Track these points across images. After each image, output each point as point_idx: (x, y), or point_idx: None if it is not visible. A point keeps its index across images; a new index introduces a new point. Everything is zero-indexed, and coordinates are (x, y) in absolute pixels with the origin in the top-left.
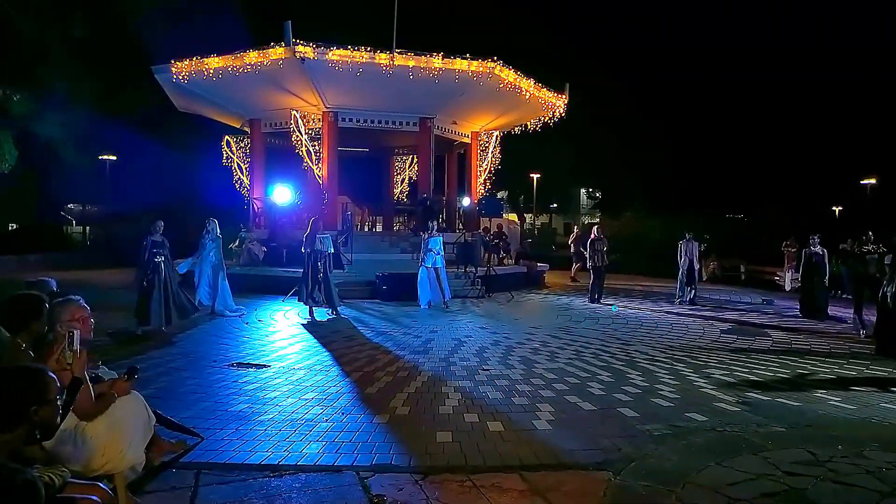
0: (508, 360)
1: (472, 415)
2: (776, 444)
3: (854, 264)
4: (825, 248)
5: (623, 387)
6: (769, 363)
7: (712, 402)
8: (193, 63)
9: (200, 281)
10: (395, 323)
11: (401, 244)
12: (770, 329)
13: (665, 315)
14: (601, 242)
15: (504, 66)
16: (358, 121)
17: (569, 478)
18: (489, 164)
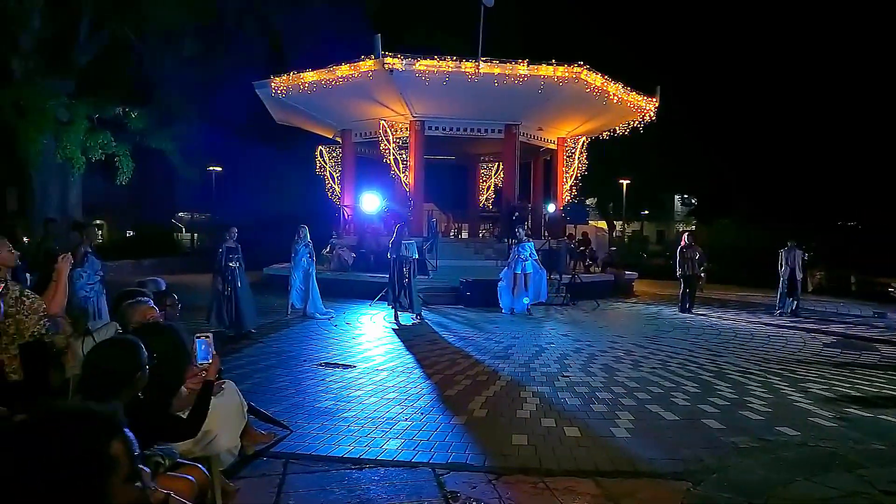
0: (590, 367)
1: (549, 419)
2: (874, 461)
3: None
4: None
5: (710, 398)
6: (874, 379)
7: (807, 416)
8: (290, 78)
9: (293, 284)
10: (477, 328)
11: (485, 251)
12: (879, 343)
13: (763, 327)
14: (692, 250)
15: (590, 71)
16: (444, 129)
17: (644, 486)
18: (575, 171)
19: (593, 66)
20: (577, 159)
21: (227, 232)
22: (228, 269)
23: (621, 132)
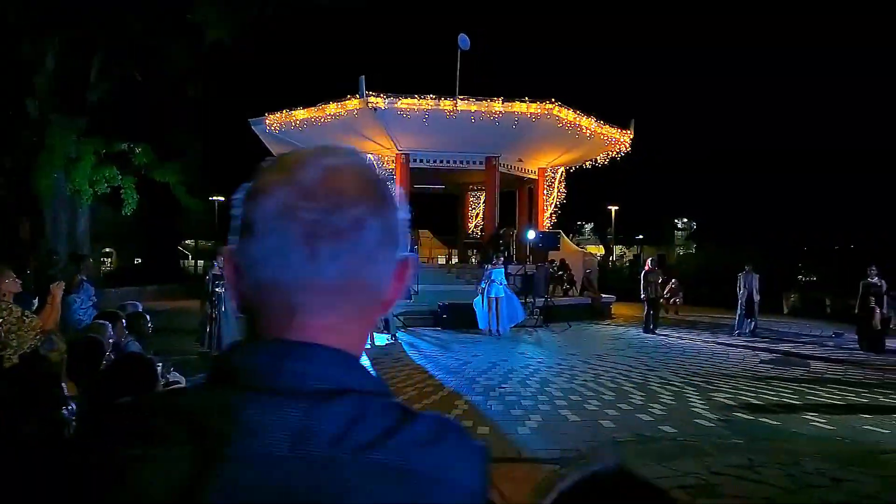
0: (528, 380)
1: (468, 421)
2: (723, 452)
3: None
4: (883, 280)
5: (619, 404)
6: (783, 390)
7: (693, 418)
8: (283, 115)
9: None
10: (444, 348)
11: (465, 276)
12: (815, 360)
13: (714, 345)
14: (654, 274)
15: (562, 107)
16: (428, 161)
17: (521, 468)
18: (555, 199)
19: (580, 101)
20: (557, 188)
21: (215, 259)
22: (215, 294)
23: (602, 162)
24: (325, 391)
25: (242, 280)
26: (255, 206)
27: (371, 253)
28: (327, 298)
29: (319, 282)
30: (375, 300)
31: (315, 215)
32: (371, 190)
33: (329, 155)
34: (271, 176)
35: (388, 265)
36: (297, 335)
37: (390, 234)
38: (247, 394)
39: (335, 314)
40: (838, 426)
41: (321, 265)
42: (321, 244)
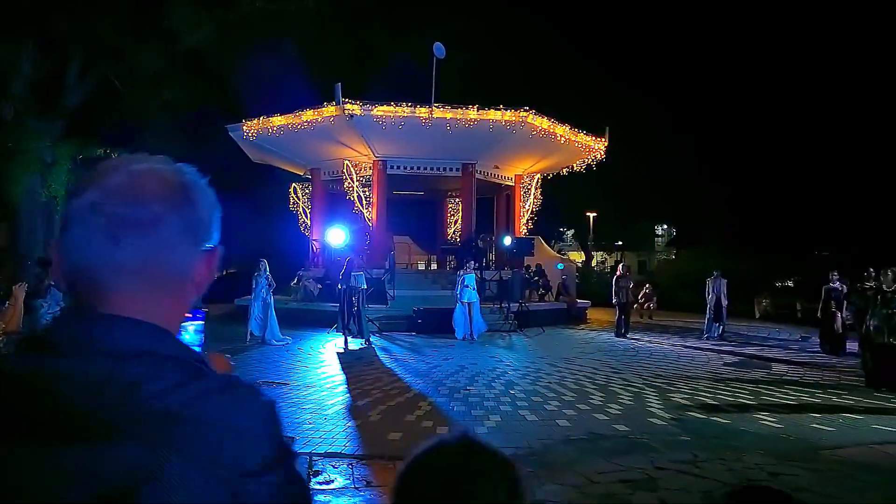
0: (494, 383)
1: (429, 421)
2: (670, 448)
3: (857, 300)
4: (844, 285)
5: (578, 405)
6: (741, 391)
7: (647, 418)
8: (260, 122)
9: (252, 313)
10: (416, 352)
11: (441, 281)
12: (777, 363)
13: (682, 349)
14: (625, 280)
15: (536, 115)
16: (405, 168)
17: None
18: (531, 206)
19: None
20: (533, 195)
21: None
22: None
23: (579, 169)
24: (126, 352)
25: (63, 264)
26: (70, 205)
27: (168, 242)
28: (129, 278)
29: (121, 264)
30: (180, 281)
31: (117, 210)
32: (171, 191)
33: (136, 163)
34: (86, 180)
35: (188, 253)
36: (104, 308)
37: (191, 229)
38: (58, 356)
39: (138, 291)
40: (787, 425)
41: (122, 251)
42: (122, 234)
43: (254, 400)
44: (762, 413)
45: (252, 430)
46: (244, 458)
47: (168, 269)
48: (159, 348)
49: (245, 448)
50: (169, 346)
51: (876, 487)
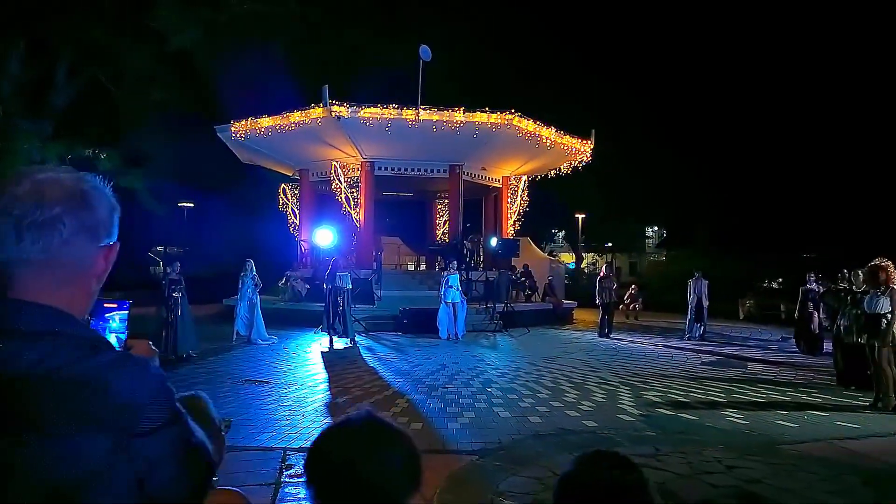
0: (472, 381)
1: (404, 418)
2: (634, 443)
3: (830, 301)
4: (821, 286)
5: (552, 402)
6: (713, 389)
7: (617, 414)
8: (249, 123)
9: (238, 313)
10: (400, 351)
11: (428, 282)
12: (753, 362)
13: (663, 348)
14: (608, 280)
15: (522, 117)
16: (393, 169)
17: (441, 459)
18: (518, 207)
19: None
20: (520, 197)
21: (171, 265)
22: (171, 299)
23: (566, 171)
24: (32, 332)
25: None
26: None
27: (68, 240)
28: (35, 270)
29: (26, 259)
30: (80, 272)
31: (22, 212)
32: (70, 196)
33: (42, 172)
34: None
35: (86, 249)
36: (16, 295)
37: (89, 228)
38: None
39: (42, 280)
40: (752, 421)
41: (26, 247)
42: (26, 233)
43: (143, 372)
44: (730, 410)
45: (141, 398)
46: (134, 421)
47: (68, 262)
48: (62, 328)
49: (135, 413)
50: (71, 326)
51: (827, 479)
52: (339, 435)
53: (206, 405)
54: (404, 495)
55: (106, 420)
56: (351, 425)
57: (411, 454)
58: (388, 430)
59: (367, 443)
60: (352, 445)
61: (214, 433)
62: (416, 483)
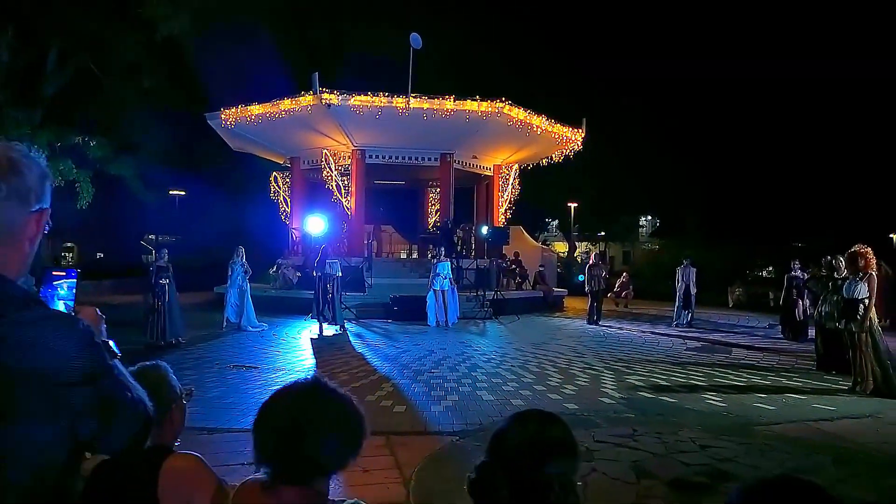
0: (459, 366)
1: (388, 400)
2: (613, 424)
3: (814, 286)
4: (806, 273)
5: (535, 386)
6: (695, 374)
7: (598, 397)
8: (238, 111)
9: (228, 300)
10: (389, 338)
11: (419, 269)
12: (738, 348)
13: (650, 335)
14: (598, 268)
15: (513, 105)
16: (384, 157)
17: (422, 440)
18: (509, 196)
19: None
20: (512, 185)
21: (158, 253)
22: (159, 286)
23: (557, 160)
24: None
25: None
26: None
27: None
28: None
29: None
30: (12, 235)
31: None
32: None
33: None
34: None
35: (18, 213)
36: None
37: (19, 194)
38: None
39: None
40: (731, 404)
41: None
42: None
43: (70, 328)
44: (709, 393)
45: (68, 351)
46: (61, 372)
47: (3, 227)
48: (5, 291)
49: (62, 364)
50: (13, 289)
51: (796, 458)
52: (286, 396)
53: (164, 374)
54: (341, 457)
55: (36, 371)
56: (298, 387)
57: (352, 419)
58: (331, 395)
59: (309, 404)
60: (296, 405)
61: (170, 399)
62: (354, 447)
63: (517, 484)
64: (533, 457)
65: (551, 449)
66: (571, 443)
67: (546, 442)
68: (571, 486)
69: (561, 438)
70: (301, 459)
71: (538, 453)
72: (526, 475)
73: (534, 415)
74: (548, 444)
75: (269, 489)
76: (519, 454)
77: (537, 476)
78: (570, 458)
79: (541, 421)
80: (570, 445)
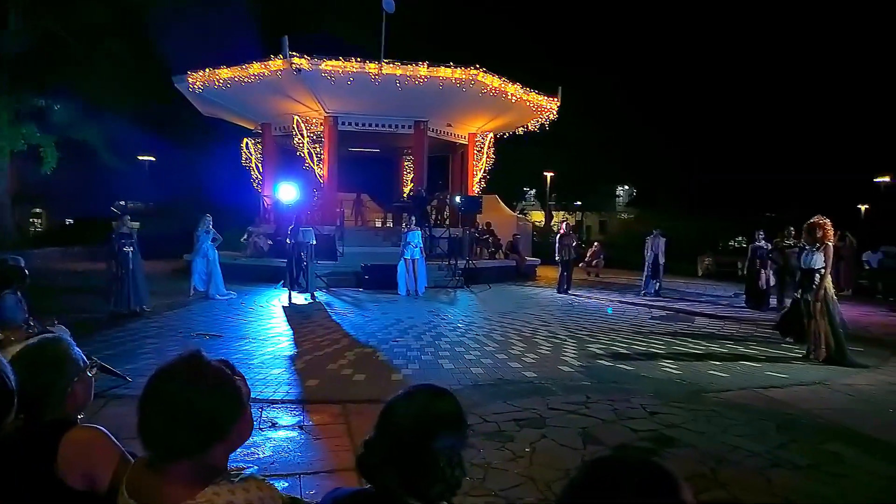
0: (424, 334)
1: (349, 370)
2: (569, 391)
3: (776, 257)
4: (770, 243)
5: (497, 354)
6: (656, 342)
7: (558, 365)
8: (207, 74)
9: (195, 268)
10: (358, 307)
11: (392, 238)
12: (701, 317)
13: (617, 304)
14: (569, 238)
15: (487, 73)
16: (356, 124)
17: (378, 408)
18: (484, 164)
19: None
20: (486, 153)
21: (121, 219)
22: (122, 254)
23: (533, 128)
24: None
25: None
26: None
27: None
28: None
29: None
30: None
31: None
32: None
33: None
34: None
35: None
36: None
37: None
38: None
39: None
40: (686, 371)
41: None
42: None
43: None
44: (666, 361)
45: None
46: None
47: None
48: None
49: None
50: None
51: (743, 424)
52: (166, 370)
53: (65, 348)
54: (214, 431)
55: None
56: (177, 361)
57: (225, 393)
58: (209, 367)
59: (185, 377)
60: (173, 378)
61: (71, 373)
62: (228, 419)
63: (404, 458)
64: (420, 431)
65: (438, 423)
66: (459, 416)
67: (433, 416)
68: (458, 459)
69: (448, 412)
70: (156, 439)
71: (425, 427)
72: (413, 450)
73: (422, 389)
74: (435, 418)
75: (152, 467)
76: (406, 429)
77: (424, 450)
78: (457, 431)
79: (428, 395)
80: (456, 419)
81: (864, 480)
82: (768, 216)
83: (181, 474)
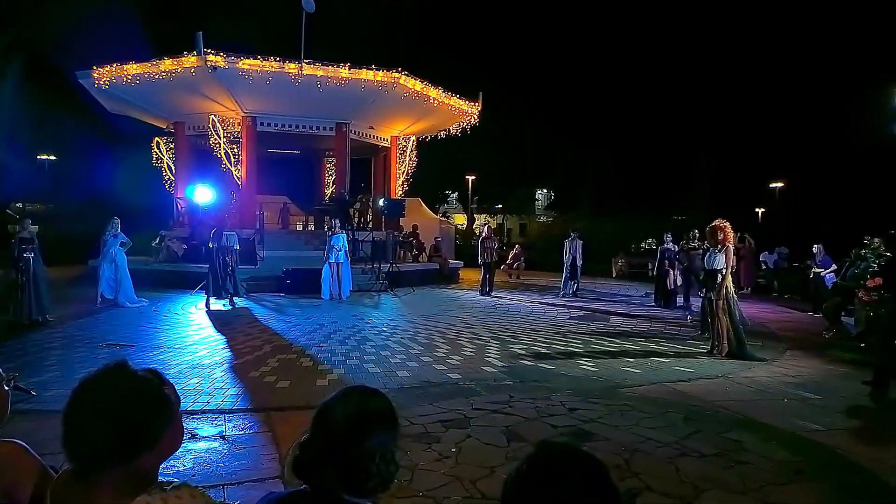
0: (348, 339)
1: (272, 377)
2: (492, 391)
3: (682, 258)
4: (677, 245)
5: (423, 357)
6: (574, 341)
7: (482, 366)
8: (114, 69)
9: (102, 275)
10: (280, 312)
11: (314, 242)
12: (615, 315)
13: (537, 305)
14: (490, 240)
15: (409, 76)
16: (277, 125)
17: (304, 415)
18: (406, 167)
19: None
20: (409, 157)
21: (22, 223)
22: (22, 259)
23: (455, 132)
24: None
25: None
26: None
27: None
28: None
29: None
30: None
31: None
32: None
33: None
34: None
35: None
36: None
37: None
38: None
39: None
40: (602, 369)
41: None
42: None
43: None
44: (584, 359)
45: None
46: None
47: None
48: None
49: None
50: None
51: (654, 417)
52: (90, 380)
53: None
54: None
55: None
56: (102, 371)
57: (151, 401)
58: (132, 379)
59: (109, 387)
60: (97, 388)
61: None
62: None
63: (342, 457)
64: (356, 430)
65: (373, 421)
66: (392, 415)
67: (368, 415)
68: (392, 456)
69: (382, 411)
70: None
71: (361, 426)
72: (350, 448)
73: (356, 390)
74: (369, 417)
75: (79, 478)
76: (343, 428)
77: (361, 448)
78: (391, 429)
79: (363, 395)
80: (390, 417)
81: (761, 465)
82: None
83: (109, 484)
